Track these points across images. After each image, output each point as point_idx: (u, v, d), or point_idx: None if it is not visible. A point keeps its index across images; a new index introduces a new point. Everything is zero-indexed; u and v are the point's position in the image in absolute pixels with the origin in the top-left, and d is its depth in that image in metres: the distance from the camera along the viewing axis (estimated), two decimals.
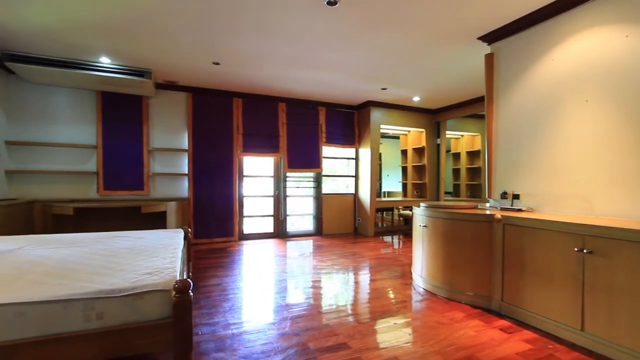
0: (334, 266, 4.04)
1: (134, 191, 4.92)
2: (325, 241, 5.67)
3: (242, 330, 2.31)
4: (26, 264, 1.94)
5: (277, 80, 4.84)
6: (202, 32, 3.30)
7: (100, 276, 1.69)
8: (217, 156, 5.38)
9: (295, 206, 6.34)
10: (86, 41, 3.52)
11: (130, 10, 2.89)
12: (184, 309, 1.52)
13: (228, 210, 5.47)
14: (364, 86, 5.12)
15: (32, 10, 2.88)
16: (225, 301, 2.85)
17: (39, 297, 1.43)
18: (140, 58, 3.98)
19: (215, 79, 4.84)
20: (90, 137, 4.73)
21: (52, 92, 4.56)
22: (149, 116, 5.03)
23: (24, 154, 4.45)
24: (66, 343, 1.42)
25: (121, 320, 1.51)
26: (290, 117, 5.89)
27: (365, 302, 2.92)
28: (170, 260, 2.00)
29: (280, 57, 3.93)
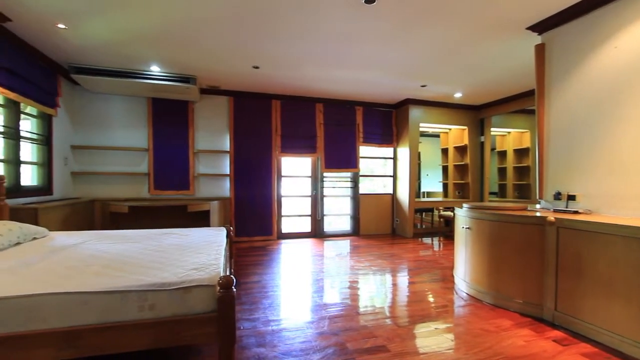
0: (371, 267, 3.99)
1: (180, 191, 5.22)
2: (362, 241, 5.62)
3: (281, 327, 2.36)
4: (89, 257, 2.13)
5: (314, 81, 4.89)
6: (242, 38, 3.42)
7: (152, 270, 1.81)
8: (256, 157, 5.55)
9: (332, 206, 6.36)
10: (139, 51, 3.79)
11: (178, 22, 3.07)
12: (228, 304, 1.59)
13: (267, 209, 5.61)
14: (403, 84, 5.01)
15: (93, 26, 3.17)
16: (265, 298, 2.93)
17: (100, 288, 1.56)
18: (186, 65, 4.22)
19: (254, 82, 4.99)
20: (142, 141, 5.09)
21: (110, 100, 4.98)
22: (194, 120, 5.31)
23: (86, 157, 4.90)
24: (123, 330, 1.54)
25: (171, 312, 1.60)
26: (327, 117, 5.92)
27: (404, 305, 2.85)
28: (214, 257, 2.09)
29: (318, 58, 3.96)
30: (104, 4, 2.79)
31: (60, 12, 2.91)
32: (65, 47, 3.64)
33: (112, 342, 1.54)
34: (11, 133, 3.58)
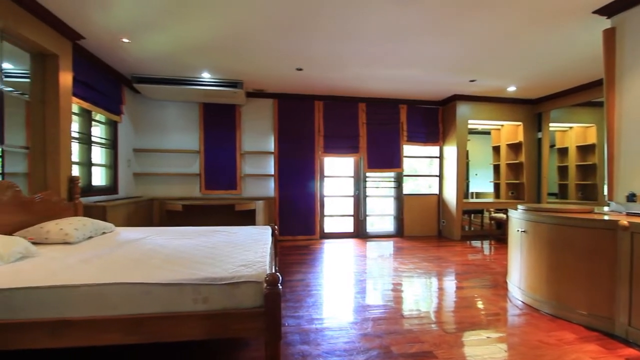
0: (416, 270, 3.88)
1: (228, 191, 5.48)
2: (406, 243, 5.48)
3: (324, 326, 2.38)
4: (150, 251, 2.32)
5: (357, 80, 4.86)
6: (286, 41, 3.50)
7: (205, 265, 1.93)
8: (300, 157, 5.65)
9: (375, 206, 6.28)
10: (192, 60, 4.05)
11: (227, 31, 3.24)
12: (274, 300, 1.64)
13: (310, 209, 5.69)
14: (450, 79, 4.80)
15: (153, 39, 3.44)
16: (308, 296, 2.97)
17: (160, 280, 1.70)
18: (233, 71, 4.42)
19: (298, 84, 5.09)
20: (194, 144, 5.43)
21: (166, 106, 5.37)
22: (241, 123, 5.55)
23: (146, 159, 5.34)
24: (180, 320, 1.66)
25: (221, 306, 1.69)
26: (370, 116, 5.86)
27: (452, 311, 2.73)
28: (261, 255, 2.17)
29: (361, 57, 3.93)
30: (164, 19, 3.02)
31: (125, 28, 3.20)
32: (128, 59, 3.99)
33: (171, 331, 1.66)
34: (84, 138, 4.01)
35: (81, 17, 2.99)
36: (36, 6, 2.73)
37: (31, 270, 1.83)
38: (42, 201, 2.88)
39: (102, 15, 2.97)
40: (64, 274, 1.77)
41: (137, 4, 2.78)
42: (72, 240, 2.54)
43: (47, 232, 2.53)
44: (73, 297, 1.62)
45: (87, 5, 2.78)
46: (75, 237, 2.56)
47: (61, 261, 2.02)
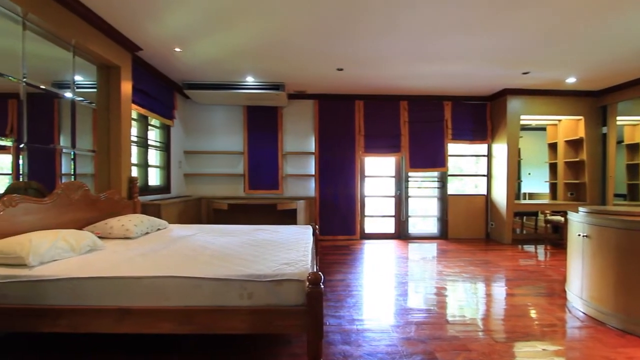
0: (461, 274, 3.71)
1: (271, 190, 5.64)
2: (450, 245, 5.26)
3: (366, 327, 2.37)
4: (199, 247, 2.46)
5: (399, 78, 4.76)
6: (327, 43, 3.52)
7: (250, 262, 2.01)
8: (340, 158, 5.66)
9: (417, 207, 6.10)
10: (237, 65, 4.22)
11: (271, 35, 3.33)
12: (316, 299, 1.66)
13: (350, 209, 5.68)
14: (500, 72, 4.52)
15: (202, 47, 3.64)
16: (349, 297, 2.97)
17: (209, 274, 1.79)
18: (276, 73, 4.54)
19: (338, 84, 5.10)
20: (238, 145, 5.66)
21: (213, 110, 5.66)
22: (283, 124, 5.68)
23: (195, 160, 5.67)
24: (227, 314, 1.74)
25: (265, 302, 1.75)
26: (412, 114, 5.70)
27: (501, 319, 2.58)
28: (303, 254, 2.21)
29: (403, 54, 3.84)
30: (212, 28, 3.19)
31: (177, 38, 3.42)
32: (180, 66, 4.27)
33: (219, 324, 1.75)
34: (142, 142, 4.35)
35: (139, 30, 3.25)
36: (101, 22, 3.02)
37: (98, 261, 2.03)
38: (107, 199, 3.18)
39: (158, 28, 3.20)
40: (126, 266, 1.94)
41: (188, 15, 2.96)
42: (132, 236, 2.77)
43: (110, 227, 2.79)
44: (134, 287, 1.77)
45: (145, 19, 3.02)
46: (134, 233, 2.79)
47: (123, 254, 2.22)
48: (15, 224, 2.19)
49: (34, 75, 2.63)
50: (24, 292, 1.79)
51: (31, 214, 2.33)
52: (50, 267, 1.89)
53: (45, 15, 2.51)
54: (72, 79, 3.05)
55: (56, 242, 2.06)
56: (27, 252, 1.87)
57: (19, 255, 1.86)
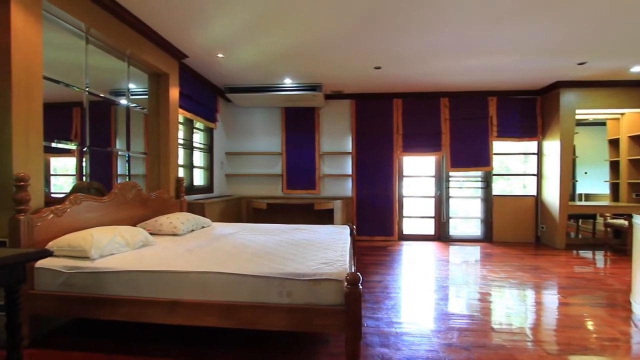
0: (508, 279, 3.50)
1: (308, 190, 5.71)
2: (496, 249, 4.99)
3: (404, 330, 2.32)
4: (240, 245, 2.56)
5: (439, 74, 4.60)
6: (365, 42, 3.50)
7: (288, 261, 2.05)
8: (377, 157, 5.59)
9: (459, 208, 5.86)
10: (276, 68, 4.33)
11: (308, 37, 3.38)
12: (355, 300, 1.66)
13: (388, 210, 5.58)
14: (552, 64, 4.20)
15: (243, 52, 3.78)
16: (387, 299, 2.92)
17: (250, 272, 1.86)
18: (313, 74, 4.58)
19: (375, 83, 5.04)
20: (277, 146, 5.80)
21: (252, 112, 5.84)
22: (320, 124, 5.72)
23: (236, 161, 5.89)
24: (267, 310, 1.80)
25: (304, 300, 1.78)
26: (453, 112, 5.48)
27: (553, 329, 2.40)
28: (340, 254, 2.22)
29: (443, 50, 3.71)
30: (252, 33, 3.30)
31: (220, 44, 3.58)
32: (221, 71, 4.46)
33: (259, 320, 1.81)
34: (187, 144, 4.60)
35: (186, 39, 3.44)
36: (152, 33, 3.23)
37: (150, 256, 2.18)
38: (157, 198, 3.40)
39: (202, 36, 3.37)
40: (175, 261, 2.07)
41: (231, 23, 3.09)
42: (179, 233, 2.94)
43: (160, 224, 2.99)
44: (182, 281, 1.88)
45: (190, 28, 3.19)
46: (181, 230, 2.97)
47: (171, 250, 2.36)
48: (80, 220, 2.41)
49: (95, 84, 2.89)
50: (87, 282, 1.97)
51: (92, 211, 2.56)
52: (109, 260, 2.07)
53: (104, 30, 2.74)
54: (126, 87, 3.31)
55: (114, 238, 2.24)
56: (89, 246, 2.06)
57: (83, 249, 2.05)
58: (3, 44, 1.98)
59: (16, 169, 2.02)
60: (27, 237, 1.99)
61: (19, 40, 2.03)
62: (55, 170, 2.81)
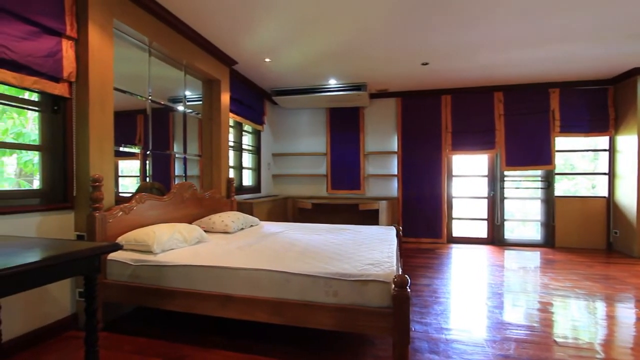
0: (573, 289, 3.19)
1: (352, 190, 5.69)
2: (559, 255, 4.56)
3: (455, 337, 2.22)
4: (288, 243, 2.62)
5: (492, 67, 4.33)
6: (412, 38, 3.40)
7: (334, 261, 2.06)
8: (425, 156, 5.40)
9: (515, 210, 5.45)
10: (320, 69, 4.37)
11: (353, 37, 3.37)
12: (403, 303, 1.62)
13: (436, 211, 5.37)
14: (626, 49, 3.74)
15: (289, 55, 3.87)
16: (436, 304, 2.81)
17: (298, 270, 1.90)
18: (358, 74, 4.56)
19: (423, 80, 4.87)
20: (321, 147, 5.86)
21: (298, 114, 5.96)
22: (364, 124, 5.67)
23: (282, 162, 6.05)
24: (314, 309, 1.82)
25: (350, 301, 1.78)
26: (508, 106, 5.12)
27: (629, 347, 2.13)
28: (387, 255, 2.18)
29: (497, 41, 3.48)
30: (298, 36, 3.37)
31: (267, 49, 3.70)
32: (269, 75, 4.61)
33: (306, 318, 1.84)
34: (237, 146, 4.83)
35: (236, 46, 3.61)
36: (206, 43, 3.44)
37: (205, 252, 2.33)
38: (210, 198, 3.61)
39: (251, 42, 3.51)
40: (227, 257, 2.18)
41: (277, 27, 3.19)
42: (230, 230, 3.10)
43: (213, 222, 3.16)
44: (233, 277, 1.98)
45: (240, 35, 3.35)
46: (232, 228, 3.12)
47: (223, 247, 2.50)
48: (144, 217, 2.64)
49: (156, 93, 3.14)
50: (150, 274, 2.15)
51: (154, 209, 2.78)
52: (169, 255, 2.24)
53: (165, 42, 2.98)
54: (183, 94, 3.56)
55: (173, 234, 2.42)
56: (152, 242, 2.25)
57: (147, 244, 2.25)
58: (83, 61, 2.24)
59: (92, 171, 2.26)
60: (101, 232, 2.22)
61: (95, 56, 2.28)
62: (122, 171, 3.11)
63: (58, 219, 2.20)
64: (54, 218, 2.17)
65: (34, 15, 1.95)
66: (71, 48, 2.19)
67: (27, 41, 1.93)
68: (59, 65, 2.10)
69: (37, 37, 1.98)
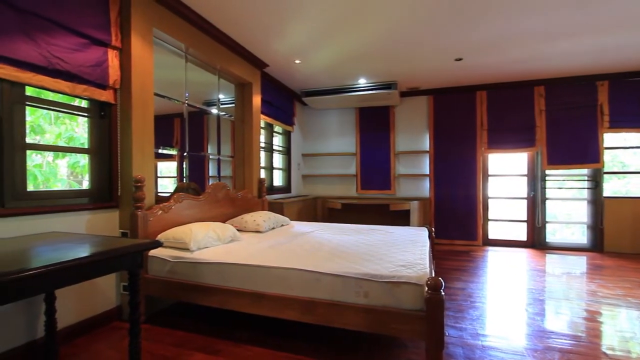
0: (625, 297, 2.94)
1: (382, 190, 5.61)
2: (608, 260, 4.23)
3: (492, 344, 2.12)
4: (317, 243, 2.64)
5: (533, 61, 4.09)
6: (445, 33, 3.30)
7: (365, 262, 2.05)
8: (458, 155, 5.22)
9: (558, 211, 5.13)
10: (350, 69, 4.36)
11: (384, 35, 3.33)
12: (437, 306, 1.58)
13: (471, 212, 5.17)
14: None
15: (318, 56, 3.89)
16: (471, 308, 2.71)
17: (328, 270, 1.91)
18: (388, 72, 4.49)
19: (456, 76, 4.71)
20: (351, 147, 5.83)
21: (327, 114, 5.98)
22: (395, 123, 5.58)
23: (311, 162, 6.09)
24: (344, 309, 1.82)
25: (381, 303, 1.76)
26: (551, 101, 4.82)
27: None
28: (419, 257, 2.13)
29: (541, 31, 3.28)
30: (328, 37, 3.38)
31: (297, 51, 3.75)
32: (298, 76, 4.66)
33: (336, 318, 1.84)
34: (268, 147, 4.92)
35: (267, 49, 3.68)
36: (238, 47, 3.54)
37: (238, 250, 2.39)
38: (242, 198, 3.71)
39: (281, 44, 3.57)
40: (259, 256, 2.23)
41: (308, 29, 3.21)
42: (261, 230, 3.16)
43: (245, 222, 3.25)
44: (265, 275, 2.02)
45: (271, 38, 3.41)
46: (264, 227, 3.18)
47: (255, 246, 2.55)
48: (181, 216, 2.77)
49: (192, 97, 3.28)
50: (187, 270, 2.25)
51: (191, 208, 2.90)
52: (204, 253, 2.33)
53: (200, 48, 3.10)
54: (217, 98, 3.69)
55: (208, 233, 2.52)
56: (189, 239, 2.35)
57: (184, 242, 2.35)
58: (126, 69, 2.38)
59: (135, 172, 2.40)
60: (142, 230, 2.35)
61: (137, 64, 2.42)
62: (160, 172, 3.27)
63: (104, 217, 2.35)
64: (100, 216, 2.33)
65: (84, 28, 2.10)
66: (116, 57, 2.34)
67: (78, 52, 2.08)
68: (105, 73, 2.25)
69: (86, 48, 2.14)
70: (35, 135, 2.26)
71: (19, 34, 1.79)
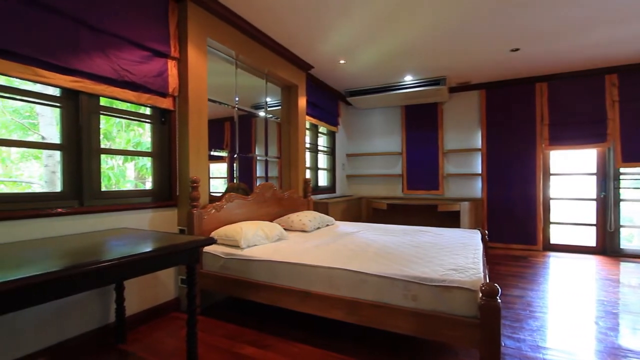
0: None
1: (430, 191, 5.41)
2: None
3: (556, 359, 1.94)
4: (363, 244, 2.62)
5: (604, 46, 3.68)
6: (498, 22, 3.10)
7: (413, 264, 1.99)
8: (515, 153, 4.86)
9: (634, 214, 4.55)
10: (396, 66, 4.26)
11: (432, 29, 3.21)
12: (493, 314, 1.49)
13: (529, 213, 4.78)
14: None
15: (363, 54, 3.86)
16: (531, 318, 2.51)
17: (374, 271, 1.88)
18: (436, 67, 4.32)
19: (511, 68, 4.39)
20: (396, 146, 5.70)
21: (371, 114, 5.90)
22: (443, 120, 5.35)
23: (356, 163, 6.06)
24: (391, 312, 1.79)
25: (431, 307, 1.70)
26: (625, 91, 4.29)
27: None
28: (472, 261, 2.02)
29: (611, 11, 2.94)
30: (373, 35, 3.34)
31: (342, 50, 3.75)
32: (343, 76, 4.66)
33: (383, 320, 1.81)
34: (313, 147, 4.98)
35: (311, 51, 3.73)
36: (285, 51, 3.63)
37: (285, 249, 2.46)
38: (288, 197, 3.80)
39: (326, 46, 3.59)
40: (305, 255, 2.27)
41: (352, 28, 3.20)
42: (307, 229, 3.21)
43: (291, 221, 3.32)
44: (312, 274, 2.05)
45: (315, 40, 3.45)
46: (309, 227, 3.23)
47: (301, 245, 2.60)
48: (232, 215, 2.91)
49: (241, 101, 3.43)
50: (238, 267, 2.36)
51: (240, 207, 3.04)
52: (253, 250, 2.42)
53: (249, 54, 3.23)
54: (264, 101, 3.82)
55: (257, 231, 2.62)
56: (240, 237, 2.46)
57: (235, 239, 2.47)
58: (183, 77, 2.56)
59: (191, 173, 2.57)
60: (198, 227, 2.51)
61: (193, 72, 2.59)
62: (212, 173, 3.46)
63: (165, 215, 2.55)
64: (161, 214, 2.53)
65: (148, 41, 2.30)
66: (174, 67, 2.52)
67: (142, 64, 2.28)
68: (165, 82, 2.44)
69: (149, 60, 2.33)
70: (107, 141, 2.52)
71: (95, 50, 2.01)
